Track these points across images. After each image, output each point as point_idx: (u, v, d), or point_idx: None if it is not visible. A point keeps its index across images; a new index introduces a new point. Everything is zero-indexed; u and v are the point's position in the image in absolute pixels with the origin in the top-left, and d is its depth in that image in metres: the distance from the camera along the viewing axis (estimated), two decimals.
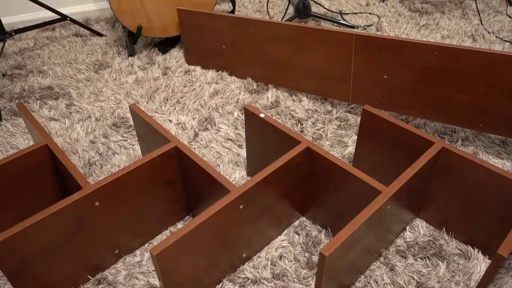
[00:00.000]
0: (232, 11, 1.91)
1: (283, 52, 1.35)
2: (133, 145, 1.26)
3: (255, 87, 1.50)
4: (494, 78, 1.02)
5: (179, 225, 1.01)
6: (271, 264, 0.91)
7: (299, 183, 0.93)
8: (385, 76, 1.17)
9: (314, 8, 2.08)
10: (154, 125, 0.95)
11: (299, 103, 1.41)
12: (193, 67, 1.63)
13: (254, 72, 1.49)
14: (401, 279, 0.87)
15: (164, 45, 1.76)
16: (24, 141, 1.29)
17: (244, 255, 0.90)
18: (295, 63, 1.35)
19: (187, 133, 1.30)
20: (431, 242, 0.94)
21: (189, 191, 0.96)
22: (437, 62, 1.07)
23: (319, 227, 0.99)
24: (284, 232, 0.98)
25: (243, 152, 1.22)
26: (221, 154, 1.22)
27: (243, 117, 1.18)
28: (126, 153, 1.22)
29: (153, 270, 0.91)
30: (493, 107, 1.07)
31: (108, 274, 0.90)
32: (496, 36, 1.76)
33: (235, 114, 1.37)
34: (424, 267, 0.89)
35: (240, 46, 1.45)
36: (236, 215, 0.79)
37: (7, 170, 0.88)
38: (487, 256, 0.91)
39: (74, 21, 1.86)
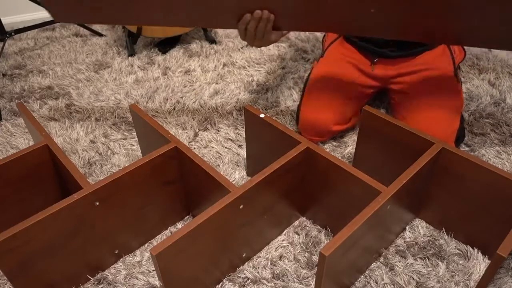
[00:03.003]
0: None
1: None
2: (133, 145, 1.26)
3: (255, 87, 1.50)
4: None
5: (179, 225, 1.01)
6: (271, 264, 0.91)
7: (299, 183, 0.93)
8: (372, 11, 1.03)
9: None
10: (154, 125, 0.95)
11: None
12: (193, 67, 1.63)
13: (181, 18, 1.03)
14: (400, 279, 0.87)
15: (164, 45, 1.76)
16: (24, 141, 1.29)
17: (244, 255, 0.90)
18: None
19: (187, 133, 1.30)
20: (430, 242, 0.94)
21: (189, 191, 0.96)
22: None
23: (319, 227, 0.99)
24: (284, 232, 0.98)
25: (243, 152, 1.22)
26: (221, 154, 1.22)
27: (243, 117, 1.18)
28: (126, 153, 1.23)
29: (153, 270, 0.91)
30: (474, 23, 0.99)
31: (108, 274, 0.90)
32: None
33: (235, 114, 1.37)
34: (424, 267, 0.89)
35: None
36: (236, 215, 0.80)
37: (7, 170, 0.88)
38: (486, 256, 0.91)
39: None
